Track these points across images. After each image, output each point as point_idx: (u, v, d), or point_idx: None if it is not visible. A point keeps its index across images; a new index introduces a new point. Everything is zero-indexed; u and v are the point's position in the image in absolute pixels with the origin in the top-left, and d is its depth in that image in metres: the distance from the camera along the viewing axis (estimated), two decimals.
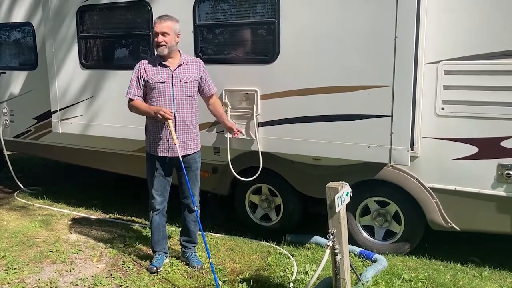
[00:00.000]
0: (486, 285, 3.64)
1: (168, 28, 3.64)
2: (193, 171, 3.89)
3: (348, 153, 3.90)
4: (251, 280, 3.64)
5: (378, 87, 3.69)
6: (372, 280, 3.58)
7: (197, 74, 3.81)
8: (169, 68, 3.70)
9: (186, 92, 3.75)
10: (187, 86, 3.75)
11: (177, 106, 3.71)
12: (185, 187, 3.86)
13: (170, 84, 3.69)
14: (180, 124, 3.73)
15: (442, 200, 3.90)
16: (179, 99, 3.72)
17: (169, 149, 3.75)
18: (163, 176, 3.82)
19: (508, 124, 3.58)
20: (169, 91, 3.69)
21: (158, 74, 3.69)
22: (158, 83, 3.68)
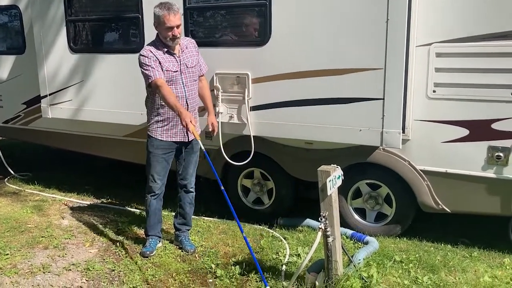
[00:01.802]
0: (476, 265, 3.70)
1: (180, 20, 3.60)
2: (195, 153, 3.93)
3: (340, 137, 3.92)
4: (244, 263, 3.67)
5: (369, 70, 3.69)
6: (364, 261, 3.63)
7: (196, 56, 3.81)
8: (176, 55, 3.67)
9: (193, 77, 3.76)
10: (193, 71, 3.75)
11: (188, 94, 3.72)
12: (186, 169, 3.91)
13: (179, 72, 3.67)
14: (191, 111, 3.75)
15: (433, 183, 3.94)
16: (188, 86, 3.72)
17: (179, 134, 3.77)
18: (166, 161, 3.83)
19: (498, 106, 3.60)
20: (179, 79, 3.67)
21: (170, 63, 3.63)
22: (171, 71, 3.63)
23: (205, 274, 3.63)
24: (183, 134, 3.78)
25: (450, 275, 3.56)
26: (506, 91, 3.55)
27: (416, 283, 3.43)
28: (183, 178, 3.95)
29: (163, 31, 3.58)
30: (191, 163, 3.93)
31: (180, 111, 3.53)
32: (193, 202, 4.04)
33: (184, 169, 3.93)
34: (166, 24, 3.54)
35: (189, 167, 3.93)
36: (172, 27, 3.55)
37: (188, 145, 3.87)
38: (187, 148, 3.88)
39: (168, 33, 3.57)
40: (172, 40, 3.60)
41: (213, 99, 4.29)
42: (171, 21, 3.53)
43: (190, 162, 3.92)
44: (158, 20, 3.58)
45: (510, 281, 3.48)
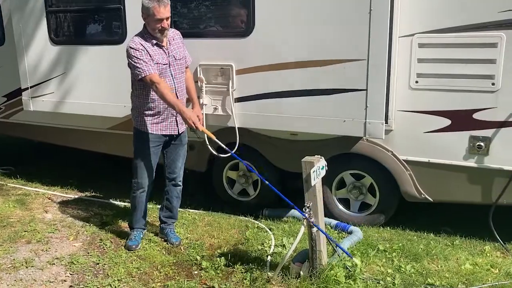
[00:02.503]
0: (457, 253, 3.77)
1: (169, 11, 3.53)
2: (183, 145, 3.91)
3: (324, 128, 3.93)
4: (229, 254, 3.68)
5: (353, 61, 3.70)
6: (348, 251, 3.65)
7: (183, 48, 3.77)
8: (164, 48, 3.62)
9: (181, 69, 3.73)
10: (180, 63, 3.72)
11: (177, 86, 3.68)
12: (174, 162, 3.88)
13: (168, 64, 3.63)
14: None
15: (416, 172, 3.98)
16: (177, 78, 3.69)
17: (169, 127, 3.73)
18: (155, 155, 3.79)
19: (480, 96, 3.64)
20: (168, 72, 3.63)
21: (160, 55, 3.58)
22: (161, 64, 3.58)
23: (190, 266, 3.63)
24: (174, 127, 3.74)
25: (433, 263, 3.61)
26: (487, 81, 3.59)
27: (400, 272, 3.47)
28: (171, 171, 3.92)
29: (152, 23, 3.51)
30: (180, 156, 3.90)
31: (182, 110, 3.48)
32: (180, 195, 4.03)
33: (172, 162, 3.89)
34: (155, 16, 3.47)
35: (177, 160, 3.90)
36: (162, 19, 3.49)
37: (177, 137, 3.83)
38: (175, 141, 3.84)
39: (157, 25, 3.50)
40: (161, 33, 3.54)
41: (197, 90, 4.27)
42: (161, 13, 3.47)
43: (179, 155, 3.89)
44: (147, 12, 3.50)
45: (490, 268, 3.54)
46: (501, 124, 3.63)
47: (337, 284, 3.15)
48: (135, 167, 3.80)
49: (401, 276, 3.41)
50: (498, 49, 3.51)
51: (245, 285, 3.32)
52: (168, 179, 3.96)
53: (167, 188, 3.98)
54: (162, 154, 3.88)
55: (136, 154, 3.79)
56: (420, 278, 3.38)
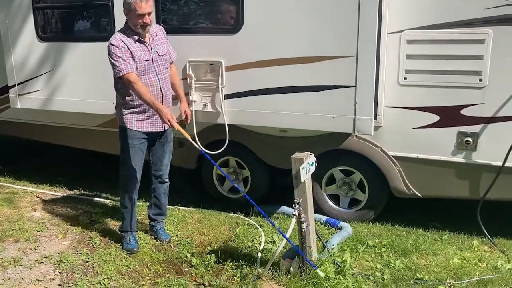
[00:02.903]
0: (446, 248, 3.80)
1: (151, 7, 3.50)
2: (169, 142, 3.89)
3: (313, 124, 3.94)
4: (220, 251, 3.68)
5: (342, 57, 3.70)
6: (338, 247, 3.68)
7: (166, 43, 3.74)
8: (146, 44, 3.58)
9: (165, 65, 3.69)
10: (164, 59, 3.68)
11: (161, 82, 3.65)
12: (161, 159, 3.86)
13: (151, 60, 3.59)
14: (166, 99, 3.70)
15: (405, 168, 4.00)
16: (161, 74, 3.65)
17: (155, 124, 3.69)
18: (142, 152, 3.75)
19: (468, 92, 3.67)
20: (152, 68, 3.59)
21: (141, 52, 3.53)
22: (144, 61, 3.53)
23: (181, 264, 3.62)
24: (160, 124, 3.70)
25: (422, 258, 3.64)
26: (474, 77, 3.62)
27: (389, 267, 3.50)
28: (157, 169, 3.90)
29: (134, 18, 3.48)
30: (165, 153, 3.88)
31: (159, 108, 3.44)
32: (168, 192, 4.01)
33: (158, 159, 3.87)
34: (137, 12, 3.43)
35: (164, 157, 3.88)
36: (144, 15, 3.45)
37: (162, 134, 3.82)
38: (161, 138, 3.83)
39: (139, 21, 3.47)
40: (143, 28, 3.51)
41: (186, 87, 4.27)
42: (142, 8, 3.43)
43: (164, 152, 3.87)
44: (128, 7, 3.47)
45: (478, 262, 3.58)
46: (489, 120, 3.66)
47: (327, 280, 3.16)
48: (122, 165, 3.76)
49: (390, 271, 3.43)
50: (485, 46, 3.54)
51: (236, 281, 3.32)
52: (154, 177, 3.93)
53: (154, 186, 3.95)
54: (148, 152, 3.84)
55: (123, 153, 3.74)
56: (409, 273, 3.41)
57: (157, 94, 3.62)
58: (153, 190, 3.97)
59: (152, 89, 3.59)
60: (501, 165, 3.65)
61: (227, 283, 3.31)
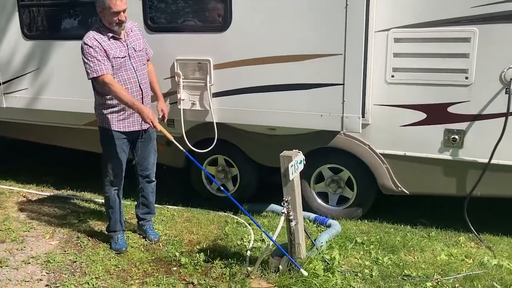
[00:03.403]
0: (433, 244, 3.83)
1: (126, 3, 3.44)
2: (153, 140, 3.85)
3: (301, 122, 3.95)
4: (209, 250, 3.67)
5: (329, 55, 3.71)
6: (326, 244, 3.69)
7: (142, 39, 3.70)
8: (122, 40, 3.53)
9: (142, 61, 3.65)
10: (141, 55, 3.64)
11: (140, 78, 3.60)
12: (146, 159, 3.83)
13: (128, 57, 3.54)
14: (145, 96, 3.66)
15: (392, 165, 4.03)
16: (139, 71, 3.60)
17: (136, 123, 3.65)
18: (125, 152, 3.71)
19: (454, 90, 3.70)
20: (130, 64, 3.54)
21: (116, 49, 3.48)
22: (119, 58, 3.48)
23: (169, 263, 3.61)
24: (141, 123, 3.66)
25: (409, 255, 3.67)
26: (461, 75, 3.65)
27: (377, 264, 3.52)
28: (144, 168, 3.86)
29: (109, 16, 3.40)
30: (151, 152, 3.85)
31: (140, 108, 3.40)
32: (155, 190, 3.99)
33: (144, 159, 3.83)
34: (112, 9, 3.36)
35: (149, 156, 3.84)
36: (119, 12, 3.39)
37: (145, 133, 3.76)
38: (144, 137, 3.77)
39: (114, 18, 3.40)
40: (118, 25, 3.45)
41: (174, 85, 4.26)
42: (117, 6, 3.37)
43: (150, 151, 3.84)
44: (102, 5, 3.39)
45: (465, 258, 3.62)
46: (475, 117, 3.70)
47: (316, 277, 3.17)
48: (105, 166, 3.71)
49: (379, 268, 3.45)
50: (471, 44, 3.57)
51: (225, 280, 3.32)
52: (141, 177, 3.89)
53: (141, 186, 3.91)
54: (131, 152, 3.80)
55: (105, 153, 3.69)
56: (397, 270, 3.44)
57: (136, 91, 3.58)
58: (140, 190, 3.94)
59: (130, 86, 3.54)
60: (487, 162, 3.69)
61: (216, 282, 3.31)
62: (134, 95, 3.55)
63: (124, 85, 3.51)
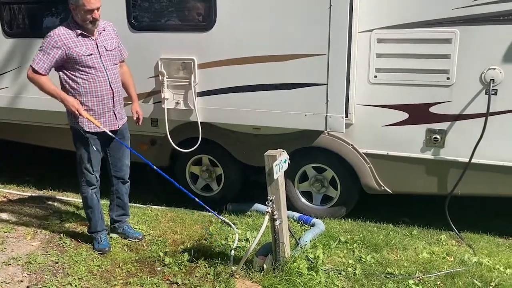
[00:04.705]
0: (415, 242, 3.88)
1: (100, 1, 3.40)
2: (126, 140, 3.81)
3: (286, 122, 3.96)
4: (193, 249, 3.66)
5: (313, 55, 3.73)
6: (310, 243, 3.71)
7: (116, 39, 3.66)
8: (91, 38, 3.48)
9: (114, 61, 3.61)
10: (113, 54, 3.59)
11: (110, 78, 3.55)
12: (120, 159, 3.79)
13: (98, 55, 3.49)
14: (116, 95, 3.61)
15: (375, 165, 4.07)
16: (110, 70, 3.56)
17: (108, 123, 3.61)
18: (98, 151, 3.67)
19: (436, 90, 3.75)
20: (99, 62, 3.49)
21: (83, 46, 3.43)
22: (85, 55, 3.43)
23: (153, 263, 3.59)
24: (113, 122, 3.62)
25: (392, 253, 3.71)
26: (442, 76, 3.70)
27: (360, 262, 3.55)
28: (118, 169, 3.82)
29: (82, 14, 3.35)
30: (125, 153, 3.80)
31: (63, 98, 3.38)
32: (129, 191, 3.94)
33: (118, 160, 3.79)
34: (85, 7, 3.31)
35: (123, 157, 3.79)
36: (92, 10, 3.34)
37: (117, 133, 3.71)
38: (119, 135, 3.72)
39: (88, 16, 3.36)
40: (92, 23, 3.40)
41: (158, 85, 4.24)
42: (91, 4, 3.32)
43: (123, 151, 3.79)
44: (76, 2, 3.34)
45: (446, 256, 3.67)
46: (456, 117, 3.75)
47: (300, 276, 3.19)
48: (80, 167, 3.67)
49: (362, 266, 3.48)
50: (452, 45, 3.62)
51: (209, 280, 3.31)
52: (115, 178, 3.84)
53: (115, 187, 3.86)
54: (105, 153, 3.76)
55: (80, 154, 3.64)
56: (380, 268, 3.47)
57: (105, 89, 3.53)
58: (115, 192, 3.89)
59: (100, 84, 3.50)
60: (468, 161, 3.75)
61: (201, 282, 3.30)
62: (103, 93, 3.51)
63: (93, 82, 3.47)
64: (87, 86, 3.48)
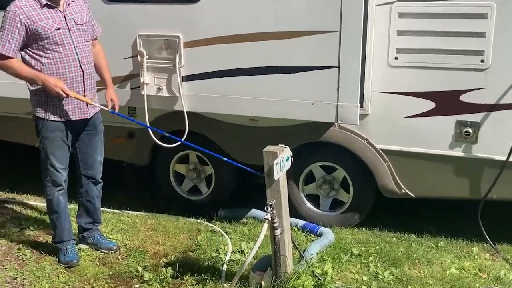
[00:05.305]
0: (442, 256, 3.90)
1: None
2: (99, 133, 3.83)
3: (288, 112, 3.98)
4: (177, 263, 3.68)
5: (322, 33, 3.74)
6: (317, 256, 3.73)
7: (87, 11, 3.68)
8: (58, 10, 3.49)
9: (84, 37, 3.63)
10: (83, 29, 3.61)
11: (80, 56, 3.57)
12: (91, 155, 3.81)
13: (66, 29, 3.50)
14: (87, 78, 3.63)
15: (395, 163, 4.08)
16: (80, 47, 3.57)
17: (77, 111, 3.62)
18: (66, 145, 3.68)
19: (467, 75, 3.75)
20: (68, 38, 3.51)
21: (49, 19, 3.44)
22: (52, 30, 3.44)
23: (130, 279, 3.60)
24: (83, 110, 3.63)
25: (414, 269, 3.73)
26: (475, 58, 3.70)
27: (376, 279, 3.57)
28: (89, 167, 3.84)
29: None
30: (97, 148, 3.82)
31: (44, 78, 3.40)
32: (101, 193, 3.96)
33: (89, 156, 3.80)
34: None
35: (95, 153, 3.81)
36: None
37: (88, 124, 3.73)
38: (87, 129, 3.74)
39: None
40: None
41: (137, 67, 4.25)
42: None
43: (95, 146, 3.81)
44: None
45: (479, 272, 3.69)
46: (491, 107, 3.76)
47: None
48: (45, 164, 3.67)
49: (378, 284, 3.50)
50: (488, 21, 3.61)
51: None
52: (86, 177, 3.86)
53: (85, 188, 3.89)
54: (73, 147, 3.77)
55: (44, 148, 3.64)
56: (400, 286, 3.49)
57: (75, 70, 3.54)
58: (84, 194, 3.90)
59: (68, 64, 3.51)
60: (505, 160, 3.76)
61: None
62: (72, 76, 3.53)
63: (60, 62, 3.48)
64: (54, 67, 3.49)
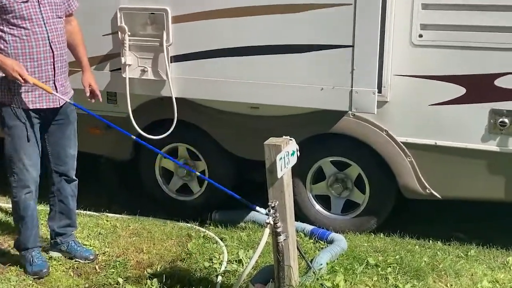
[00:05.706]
0: (472, 266, 3.87)
1: None
2: (72, 122, 3.83)
3: (294, 99, 3.98)
4: (164, 274, 3.67)
5: (335, 5, 3.72)
6: (328, 267, 3.70)
7: None
8: None
9: (57, 13, 3.63)
10: (55, 2, 3.61)
11: (51, 35, 3.57)
12: (64, 148, 3.80)
13: (36, 2, 3.50)
14: (58, 59, 3.62)
15: (419, 159, 4.06)
16: (51, 25, 3.57)
17: (45, 98, 3.61)
18: (36, 138, 3.68)
19: (505, 56, 3.72)
20: (37, 13, 3.51)
21: None
22: (19, 2, 3.44)
23: None
24: (51, 97, 3.62)
25: (440, 281, 3.69)
26: None
27: None
28: (60, 162, 3.85)
29: None
30: (69, 140, 3.83)
31: (0, 59, 3.39)
32: (76, 193, 3.97)
33: (61, 149, 3.81)
34: None
35: (67, 145, 3.81)
36: None
37: (59, 112, 3.73)
38: (57, 118, 3.74)
39: None
40: None
41: (117, 45, 4.26)
42: None
43: (68, 138, 3.81)
44: None
45: None
46: None
47: None
48: (10, 159, 3.67)
49: None
50: None
51: None
52: (57, 173, 3.87)
53: (57, 186, 3.90)
54: (42, 139, 3.77)
55: (10, 140, 3.64)
56: None
57: (44, 52, 3.54)
58: (56, 192, 3.92)
59: (37, 43, 3.50)
60: None
61: None
62: (40, 56, 3.52)
63: (27, 41, 3.48)
64: (19, 46, 3.48)
